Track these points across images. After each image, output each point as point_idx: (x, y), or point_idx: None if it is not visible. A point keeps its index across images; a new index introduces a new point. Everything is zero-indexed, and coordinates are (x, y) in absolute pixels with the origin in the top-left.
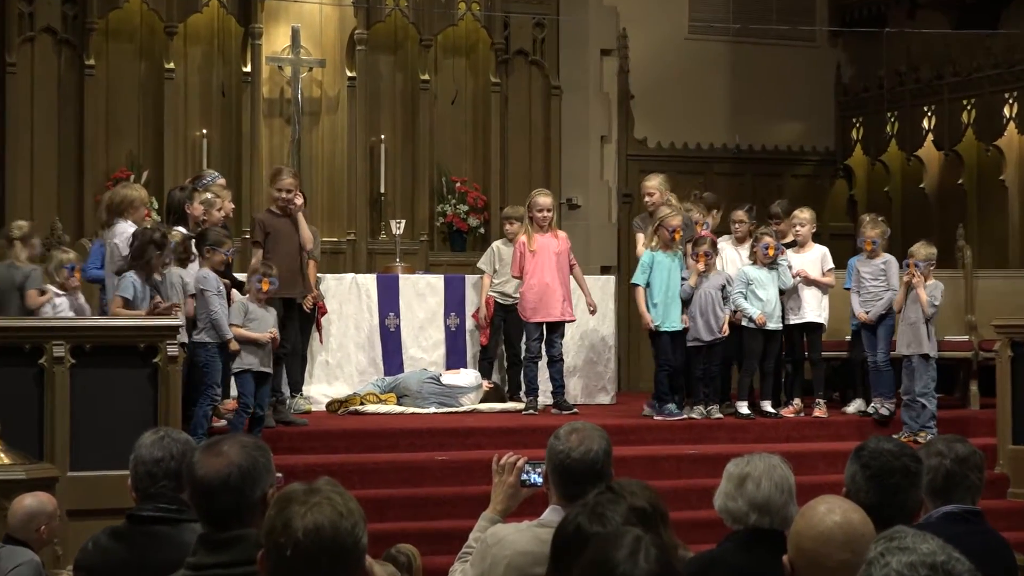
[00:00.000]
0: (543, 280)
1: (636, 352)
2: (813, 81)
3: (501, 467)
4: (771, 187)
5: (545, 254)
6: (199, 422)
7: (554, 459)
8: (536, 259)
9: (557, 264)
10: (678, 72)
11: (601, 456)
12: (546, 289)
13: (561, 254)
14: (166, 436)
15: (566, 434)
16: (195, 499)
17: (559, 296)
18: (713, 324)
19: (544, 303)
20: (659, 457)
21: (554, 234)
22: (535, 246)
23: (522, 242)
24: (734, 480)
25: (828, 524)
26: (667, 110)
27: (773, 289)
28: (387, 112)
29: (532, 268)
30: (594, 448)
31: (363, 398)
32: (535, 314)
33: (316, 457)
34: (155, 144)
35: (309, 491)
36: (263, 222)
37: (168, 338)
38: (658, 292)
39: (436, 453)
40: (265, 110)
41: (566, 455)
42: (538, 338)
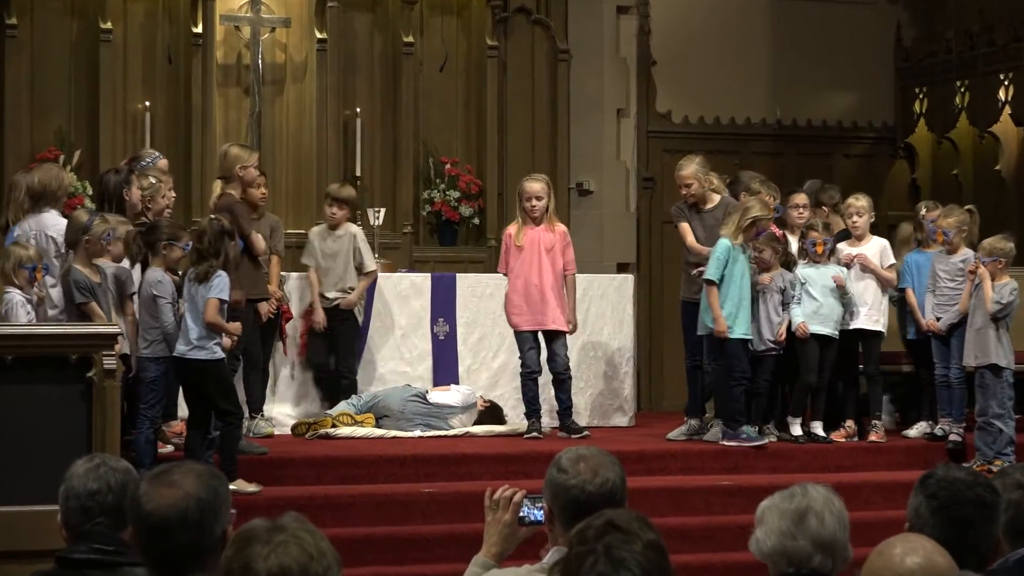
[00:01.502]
0: (529, 280)
1: (658, 365)
2: (868, 44)
3: (495, 502)
4: (819, 169)
5: (534, 250)
6: (143, 449)
7: (564, 494)
8: (523, 255)
9: (548, 262)
10: (709, 34)
11: (619, 486)
12: (532, 291)
13: (555, 252)
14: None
15: (571, 462)
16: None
17: (550, 300)
18: (767, 331)
19: (531, 307)
20: (687, 489)
21: (550, 227)
22: (523, 240)
23: (509, 234)
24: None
25: (909, 566)
26: (695, 78)
27: (829, 290)
28: (364, 81)
29: (518, 265)
30: (611, 478)
31: (335, 420)
32: (522, 320)
33: (279, 489)
34: (88, 119)
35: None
36: (231, 208)
37: (105, 348)
38: (733, 292)
39: (422, 485)
40: (219, 78)
41: (580, 489)
42: (532, 349)
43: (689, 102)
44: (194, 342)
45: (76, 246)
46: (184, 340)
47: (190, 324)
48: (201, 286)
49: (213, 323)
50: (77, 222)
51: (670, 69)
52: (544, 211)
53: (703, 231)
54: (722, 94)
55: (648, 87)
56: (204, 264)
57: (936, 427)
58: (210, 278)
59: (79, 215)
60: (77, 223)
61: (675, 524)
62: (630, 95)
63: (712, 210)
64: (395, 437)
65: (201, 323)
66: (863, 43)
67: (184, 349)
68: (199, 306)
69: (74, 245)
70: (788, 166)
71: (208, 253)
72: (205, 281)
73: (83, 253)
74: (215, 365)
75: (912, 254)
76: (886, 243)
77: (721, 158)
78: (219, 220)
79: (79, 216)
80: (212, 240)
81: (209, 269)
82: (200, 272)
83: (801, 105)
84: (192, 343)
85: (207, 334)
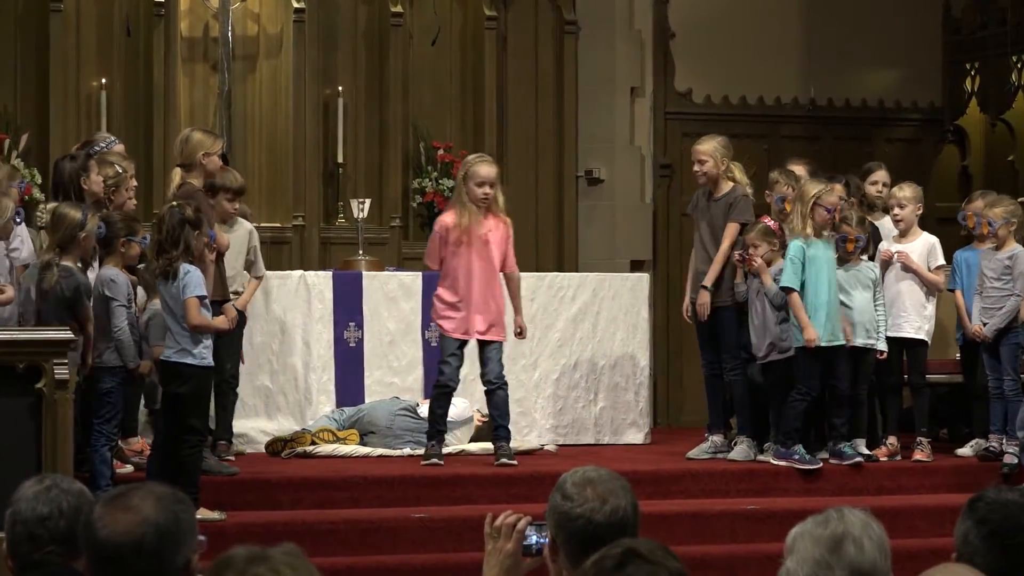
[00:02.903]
0: (471, 279)
1: (677, 375)
2: (913, 16)
3: (496, 529)
4: (857, 155)
5: (475, 244)
6: (98, 469)
7: (568, 524)
8: (463, 249)
9: (490, 259)
10: (734, 2)
11: (631, 515)
12: (473, 292)
13: (498, 246)
14: (54, 486)
15: (577, 487)
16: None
17: (491, 305)
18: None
19: (468, 311)
20: (709, 514)
21: (495, 218)
22: (464, 232)
23: (443, 224)
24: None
25: None
26: (719, 53)
27: (863, 292)
28: (346, 56)
29: (455, 261)
30: (622, 505)
31: (315, 436)
32: (453, 325)
33: (251, 515)
34: (37, 98)
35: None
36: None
37: (56, 356)
38: (817, 295)
39: (412, 509)
40: (184, 53)
41: (587, 519)
42: (456, 357)
43: (712, 80)
44: (180, 345)
45: (70, 245)
46: (171, 342)
47: (171, 327)
48: (171, 284)
49: (199, 325)
50: (71, 219)
51: (690, 42)
52: (493, 201)
53: (707, 228)
54: (749, 70)
55: (666, 63)
56: (164, 258)
57: (988, 444)
58: (177, 274)
59: (69, 211)
60: (71, 220)
61: (696, 553)
62: (645, 72)
63: (719, 200)
64: (382, 456)
65: (181, 326)
66: (907, 13)
67: (169, 352)
68: (173, 308)
69: (67, 244)
70: (823, 152)
71: (167, 244)
72: (170, 278)
73: (77, 253)
74: (201, 373)
75: (961, 251)
76: (935, 241)
77: (748, 143)
78: (180, 207)
79: (70, 212)
80: (171, 229)
81: (170, 263)
82: (161, 267)
83: (838, 83)
84: (179, 346)
85: (193, 337)
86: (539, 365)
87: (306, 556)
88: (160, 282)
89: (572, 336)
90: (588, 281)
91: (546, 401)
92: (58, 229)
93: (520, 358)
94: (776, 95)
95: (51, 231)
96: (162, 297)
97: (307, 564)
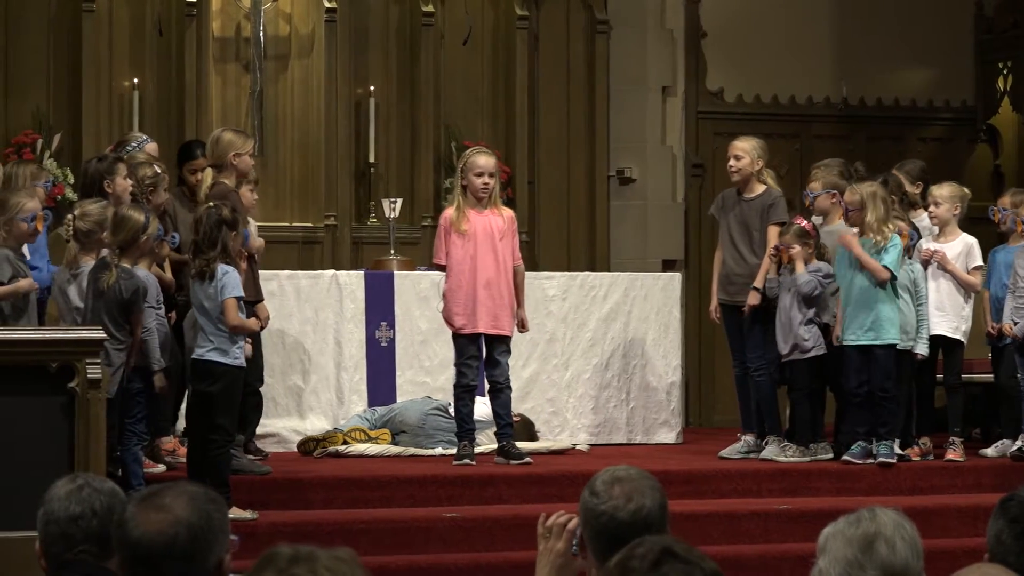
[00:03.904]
0: (478, 274)
1: (709, 374)
2: (945, 14)
3: (547, 530)
4: (889, 154)
5: (482, 238)
6: (132, 469)
7: (593, 521)
8: (468, 244)
9: (498, 253)
10: (766, 1)
11: (656, 513)
12: (480, 287)
13: (505, 240)
14: (86, 486)
15: (606, 485)
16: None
17: (501, 299)
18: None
19: (479, 307)
20: (741, 514)
21: (496, 212)
22: (467, 226)
23: (447, 218)
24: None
25: None
26: (751, 52)
27: (903, 294)
28: (378, 56)
29: (462, 256)
30: (646, 504)
31: (347, 436)
32: (468, 322)
33: (283, 514)
34: (70, 98)
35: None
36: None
37: (89, 356)
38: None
39: (444, 509)
40: (216, 53)
41: (610, 516)
42: (475, 358)
43: (744, 79)
44: (215, 344)
45: (131, 247)
46: (203, 340)
47: (204, 327)
48: (207, 285)
49: (239, 326)
50: (134, 221)
51: (722, 41)
52: (493, 192)
53: (737, 225)
54: (781, 69)
55: (698, 62)
56: (201, 258)
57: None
58: (215, 275)
59: (132, 213)
60: (135, 222)
61: (728, 553)
62: (677, 71)
63: (752, 200)
64: (414, 455)
65: (216, 326)
66: (940, 12)
67: (202, 351)
68: (209, 308)
69: (128, 246)
70: (855, 151)
71: (204, 245)
72: (207, 279)
73: (137, 254)
74: (234, 372)
75: (996, 250)
76: (973, 242)
77: (780, 142)
78: (217, 208)
79: (133, 215)
80: (208, 230)
81: (207, 264)
82: (198, 268)
83: (870, 82)
84: (212, 345)
85: (229, 336)
86: (571, 364)
87: (359, 562)
88: (195, 282)
89: (604, 336)
90: (620, 281)
91: (578, 400)
92: (120, 231)
93: (552, 358)
94: (808, 94)
95: (112, 232)
96: (196, 296)
97: (355, 570)
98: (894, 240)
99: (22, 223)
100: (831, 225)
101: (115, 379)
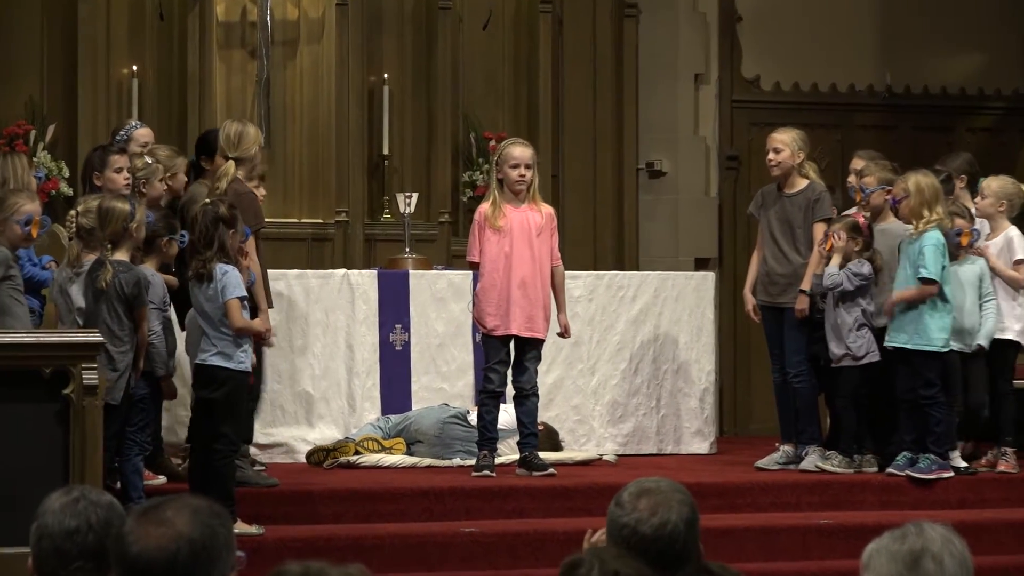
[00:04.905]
0: (513, 273)
1: (745, 380)
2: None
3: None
4: (937, 146)
5: (519, 235)
6: (131, 480)
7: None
8: (504, 241)
9: (537, 251)
10: None
11: (681, 529)
12: (515, 286)
13: (543, 237)
14: (82, 498)
15: (632, 497)
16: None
17: (537, 300)
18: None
19: (513, 308)
20: (778, 529)
21: (535, 207)
22: (502, 221)
23: (482, 213)
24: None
25: None
26: (789, 37)
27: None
28: (392, 41)
29: (496, 253)
30: (671, 518)
31: (359, 445)
32: (499, 323)
33: (291, 529)
34: (65, 87)
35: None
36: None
37: (85, 360)
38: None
39: (462, 523)
40: (220, 38)
41: (632, 529)
42: (503, 363)
43: (781, 66)
44: (217, 348)
45: (121, 239)
46: (206, 345)
47: (207, 331)
48: (207, 286)
49: (243, 328)
50: (119, 212)
51: (758, 26)
52: (530, 185)
53: (779, 223)
54: (821, 56)
55: (732, 47)
56: (198, 259)
57: None
58: (213, 276)
59: (116, 203)
60: (120, 212)
61: (765, 571)
62: (710, 57)
63: (794, 195)
64: (430, 466)
65: (219, 329)
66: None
67: (205, 356)
68: (210, 311)
69: (119, 239)
70: (901, 142)
71: (201, 244)
72: (205, 280)
73: (131, 245)
74: (238, 378)
75: None
76: (1015, 235)
77: (820, 132)
78: (215, 205)
79: (117, 205)
80: (204, 229)
81: (204, 264)
82: (195, 269)
83: (916, 69)
84: (215, 349)
85: (233, 339)
86: (597, 370)
87: None
88: (194, 284)
89: (632, 339)
90: (649, 280)
91: (605, 408)
92: (107, 224)
93: (577, 362)
94: (850, 82)
95: (99, 227)
96: (195, 300)
97: None
98: (929, 240)
99: (16, 225)
100: (884, 223)
101: (120, 384)
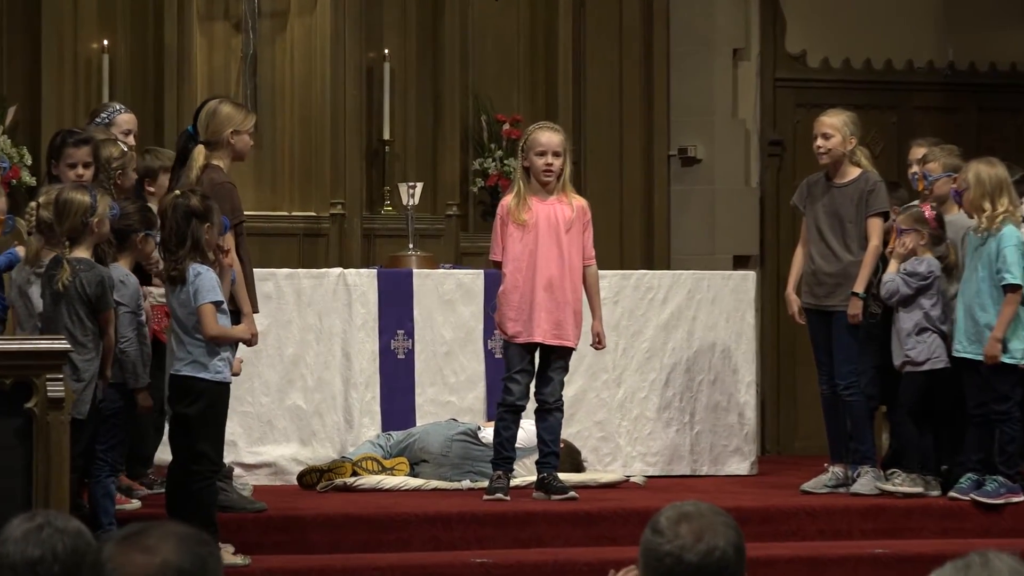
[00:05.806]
0: (539, 273)
1: (789, 391)
2: None
3: None
4: (1005, 128)
5: (545, 230)
6: (101, 505)
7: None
8: (528, 237)
9: (566, 249)
10: None
11: (731, 555)
12: (540, 288)
13: (573, 233)
14: (46, 525)
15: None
16: None
17: (566, 304)
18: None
19: (537, 312)
20: (828, 559)
21: (564, 199)
22: (527, 215)
23: (505, 207)
24: None
25: None
26: (839, 9)
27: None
28: (394, 13)
29: (520, 251)
30: (719, 544)
31: (357, 466)
32: (521, 329)
33: (282, 559)
34: (27, 64)
35: None
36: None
37: (50, 371)
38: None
39: (473, 553)
40: (201, 9)
41: (676, 558)
42: (523, 373)
43: (830, 40)
44: (192, 357)
45: (81, 235)
46: (181, 354)
47: (181, 338)
48: (179, 290)
49: (217, 336)
50: (78, 204)
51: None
52: (559, 175)
53: (827, 217)
54: (875, 29)
55: (775, 20)
56: (170, 259)
57: None
58: (186, 278)
59: (74, 195)
60: (79, 205)
61: None
62: (751, 31)
63: (845, 186)
64: (436, 489)
65: (193, 336)
66: None
67: (179, 366)
68: (182, 317)
69: (78, 234)
70: (964, 124)
71: (172, 243)
72: (178, 283)
73: (92, 242)
74: (215, 390)
75: None
76: None
77: (874, 114)
78: (185, 196)
79: (75, 196)
80: (175, 225)
81: (176, 265)
82: (167, 270)
83: (981, 44)
84: (190, 358)
85: (207, 347)
86: (624, 381)
87: None
88: (168, 288)
89: (663, 346)
90: (682, 280)
91: (632, 424)
92: (64, 218)
93: (602, 373)
94: (907, 58)
95: (56, 222)
96: (169, 304)
97: None
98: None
99: None
100: (951, 215)
101: (86, 396)
